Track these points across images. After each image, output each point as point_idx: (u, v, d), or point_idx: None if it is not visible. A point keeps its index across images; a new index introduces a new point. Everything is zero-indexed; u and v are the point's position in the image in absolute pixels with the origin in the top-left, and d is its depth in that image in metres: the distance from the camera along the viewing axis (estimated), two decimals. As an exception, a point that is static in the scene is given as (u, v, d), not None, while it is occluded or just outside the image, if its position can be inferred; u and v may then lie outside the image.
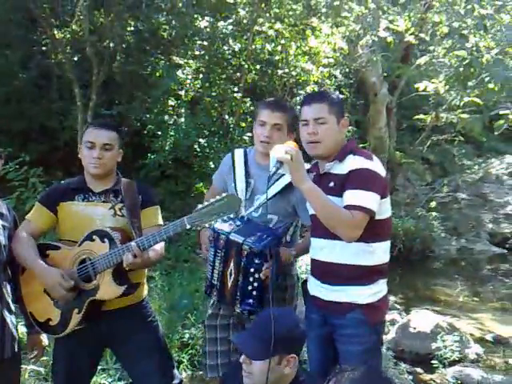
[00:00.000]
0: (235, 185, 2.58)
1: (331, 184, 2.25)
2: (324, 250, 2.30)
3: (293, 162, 2.08)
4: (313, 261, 2.41)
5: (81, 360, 2.45)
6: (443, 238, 9.27)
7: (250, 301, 2.34)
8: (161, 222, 2.52)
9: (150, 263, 2.38)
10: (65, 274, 2.27)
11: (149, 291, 2.77)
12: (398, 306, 5.96)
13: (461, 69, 5.98)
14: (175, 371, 2.56)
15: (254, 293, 2.33)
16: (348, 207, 2.12)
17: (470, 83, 5.88)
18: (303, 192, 2.15)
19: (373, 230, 2.18)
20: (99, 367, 2.83)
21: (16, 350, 2.33)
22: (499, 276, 7.91)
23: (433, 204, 9.80)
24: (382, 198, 2.19)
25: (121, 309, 2.39)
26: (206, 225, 2.21)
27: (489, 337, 5.16)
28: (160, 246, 2.37)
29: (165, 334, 2.77)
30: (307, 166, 2.45)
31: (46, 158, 7.51)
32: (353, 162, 2.22)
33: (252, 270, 2.31)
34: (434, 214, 9.51)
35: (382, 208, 2.22)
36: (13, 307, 2.35)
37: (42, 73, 8.56)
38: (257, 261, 2.29)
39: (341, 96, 2.59)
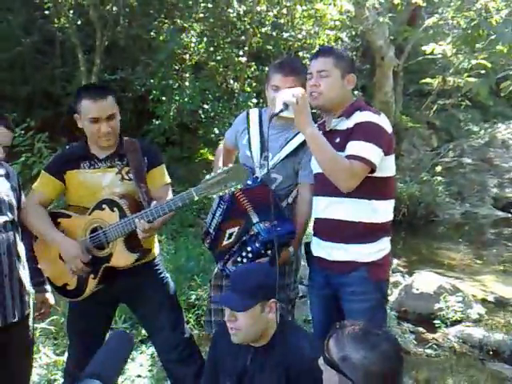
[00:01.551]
0: (249, 144, 2.58)
1: (337, 140, 2.24)
2: (327, 207, 2.31)
3: (298, 106, 2.10)
4: (316, 220, 2.41)
5: (95, 318, 2.51)
6: (447, 202, 9.27)
7: (233, 268, 2.42)
8: (168, 180, 2.53)
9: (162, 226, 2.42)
10: (82, 246, 2.31)
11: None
12: (402, 269, 5.99)
13: (469, 31, 5.88)
14: (186, 326, 2.62)
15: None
16: (348, 157, 2.12)
17: (478, 45, 5.79)
18: (306, 136, 2.16)
19: (375, 187, 2.18)
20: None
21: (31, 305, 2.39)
22: (503, 240, 7.93)
23: (438, 169, 9.78)
24: (386, 154, 2.18)
25: (134, 267, 2.41)
26: (214, 196, 2.23)
27: (491, 298, 5.21)
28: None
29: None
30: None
31: (51, 124, 7.49)
32: (359, 117, 2.21)
33: (249, 248, 2.37)
34: (438, 178, 9.49)
35: (385, 164, 2.21)
36: (26, 265, 2.38)
37: (44, 38, 8.49)
38: (257, 245, 2.34)
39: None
